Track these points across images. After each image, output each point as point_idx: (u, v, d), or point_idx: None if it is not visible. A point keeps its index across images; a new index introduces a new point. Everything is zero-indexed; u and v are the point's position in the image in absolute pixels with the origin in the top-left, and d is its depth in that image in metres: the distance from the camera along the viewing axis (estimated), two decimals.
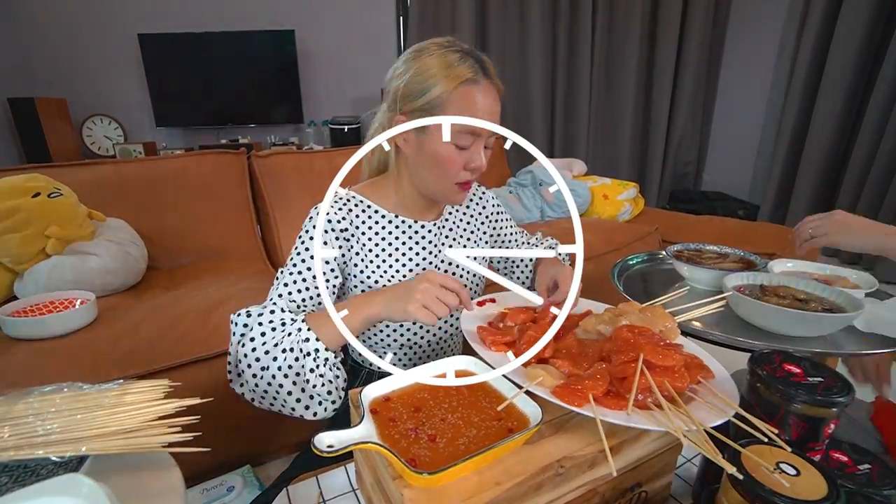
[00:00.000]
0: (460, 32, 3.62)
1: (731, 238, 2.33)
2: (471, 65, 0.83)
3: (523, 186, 2.72)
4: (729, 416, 0.55)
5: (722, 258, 1.24)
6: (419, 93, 0.83)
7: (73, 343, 1.27)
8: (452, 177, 0.87)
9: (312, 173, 2.15)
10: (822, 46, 3.33)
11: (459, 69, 0.82)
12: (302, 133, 4.00)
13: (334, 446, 0.49)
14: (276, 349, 0.75)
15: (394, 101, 0.88)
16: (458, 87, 0.82)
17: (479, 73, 0.84)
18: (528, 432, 0.53)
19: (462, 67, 0.82)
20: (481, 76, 0.84)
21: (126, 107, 3.65)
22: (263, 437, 1.45)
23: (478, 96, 0.83)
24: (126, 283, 1.64)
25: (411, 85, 0.84)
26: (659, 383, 0.57)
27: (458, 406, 0.60)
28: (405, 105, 0.86)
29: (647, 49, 4.10)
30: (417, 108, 0.84)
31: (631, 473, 0.60)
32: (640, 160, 4.45)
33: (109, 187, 1.87)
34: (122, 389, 0.61)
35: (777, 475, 0.48)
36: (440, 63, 0.83)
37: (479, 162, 0.86)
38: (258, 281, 1.70)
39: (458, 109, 0.82)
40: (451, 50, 0.85)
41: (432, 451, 0.53)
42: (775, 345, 0.85)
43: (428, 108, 0.83)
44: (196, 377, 1.28)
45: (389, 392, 0.63)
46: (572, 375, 0.62)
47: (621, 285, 1.16)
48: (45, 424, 0.55)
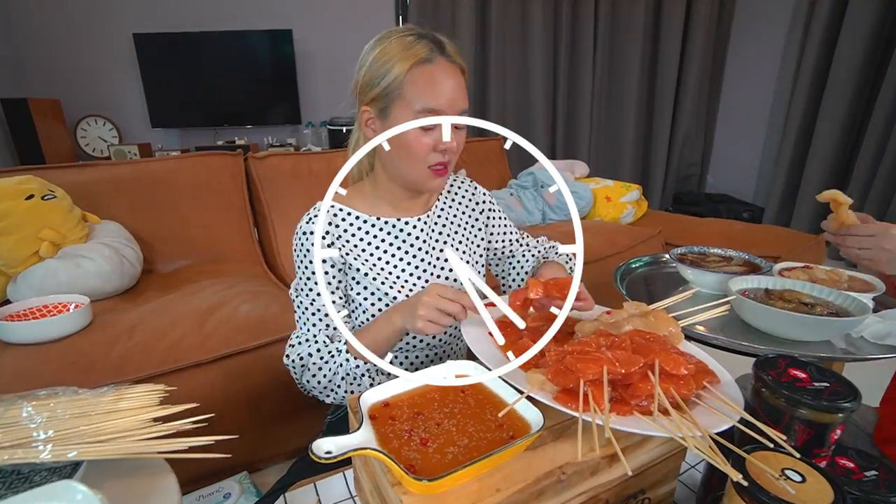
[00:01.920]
0: (460, 32, 3.63)
1: (736, 241, 2.33)
2: (425, 44, 0.84)
3: (524, 188, 2.73)
4: (734, 421, 0.55)
5: (726, 261, 1.24)
6: (377, 79, 0.84)
7: (67, 347, 1.27)
8: (422, 160, 0.87)
9: (310, 175, 2.16)
10: (827, 47, 3.33)
11: (413, 49, 0.83)
12: (299, 134, 4.00)
13: (333, 452, 0.49)
14: (336, 379, 0.88)
15: (356, 94, 0.90)
16: (412, 67, 0.82)
17: (435, 52, 0.84)
18: (529, 438, 0.53)
19: (416, 48, 0.83)
20: (437, 55, 0.84)
21: (121, 107, 3.66)
22: (260, 442, 1.45)
23: (435, 74, 0.83)
24: (121, 286, 1.64)
25: (370, 74, 0.86)
26: (665, 389, 0.57)
27: (458, 413, 0.60)
28: (365, 95, 0.87)
29: (650, 49, 4.11)
30: (377, 95, 0.85)
31: (634, 480, 0.60)
32: (643, 162, 4.45)
33: (104, 189, 1.87)
34: (118, 394, 0.61)
35: (782, 482, 0.48)
36: (395, 47, 0.84)
37: (448, 142, 0.85)
38: (255, 284, 1.70)
39: (415, 89, 0.82)
40: (407, 34, 0.85)
41: (422, 454, 0.53)
42: (780, 349, 0.85)
43: (386, 94, 0.84)
44: (192, 382, 1.28)
45: (388, 397, 0.63)
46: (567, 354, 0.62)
47: (624, 289, 1.16)
48: (40, 429, 0.55)
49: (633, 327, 0.71)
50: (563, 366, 0.60)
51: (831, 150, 3.38)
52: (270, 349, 1.38)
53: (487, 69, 3.80)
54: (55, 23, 3.39)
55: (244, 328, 1.39)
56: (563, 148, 4.16)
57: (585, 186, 2.78)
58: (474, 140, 3.07)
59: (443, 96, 0.83)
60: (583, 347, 0.63)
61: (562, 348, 0.65)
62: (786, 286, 1.01)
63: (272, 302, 1.52)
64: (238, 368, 1.34)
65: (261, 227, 2.14)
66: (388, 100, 0.85)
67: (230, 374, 1.33)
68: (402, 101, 0.84)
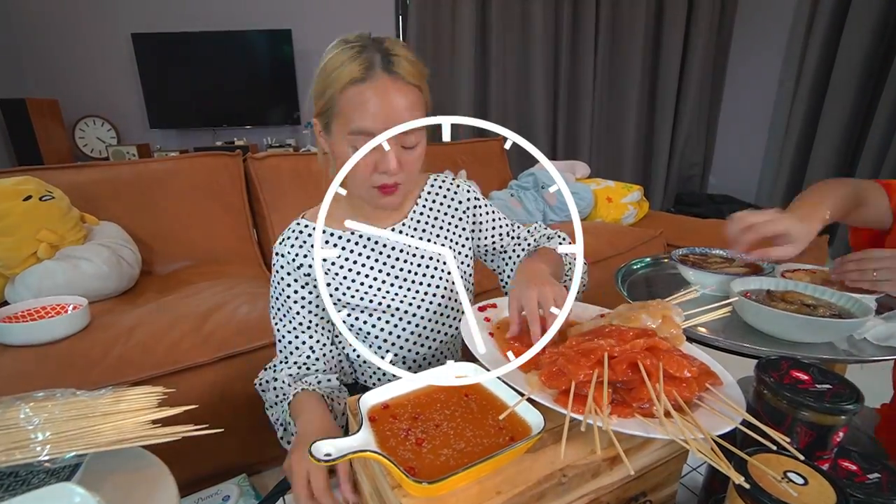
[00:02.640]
0: (460, 32, 3.63)
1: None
2: (362, 62, 0.78)
3: (525, 189, 2.73)
4: (736, 423, 0.55)
5: (728, 263, 1.24)
6: (320, 94, 0.83)
7: (65, 349, 1.27)
8: (365, 180, 0.84)
9: (309, 176, 2.16)
10: (830, 47, 3.34)
11: (348, 68, 0.78)
12: (299, 135, 4.01)
13: (332, 455, 0.49)
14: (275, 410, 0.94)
15: (313, 104, 0.87)
16: (344, 88, 0.79)
17: (373, 69, 0.78)
18: (529, 440, 0.53)
19: (351, 66, 0.78)
20: (376, 71, 0.78)
21: (119, 108, 3.67)
22: (259, 445, 1.45)
23: (366, 94, 0.78)
24: (119, 287, 1.64)
25: (316, 86, 0.84)
26: (667, 391, 0.57)
27: (458, 417, 0.60)
28: (315, 105, 0.85)
29: (651, 48, 4.12)
30: (321, 110, 0.84)
31: (635, 483, 0.60)
32: (644, 162, 4.45)
33: (102, 190, 1.87)
34: (116, 396, 0.62)
35: (784, 484, 0.48)
36: (333, 63, 0.81)
37: (386, 164, 0.80)
38: (254, 286, 1.70)
39: (348, 109, 0.79)
40: (348, 47, 0.81)
41: (416, 454, 0.53)
42: (782, 351, 0.85)
43: (327, 110, 0.82)
44: (191, 384, 1.28)
45: (388, 399, 0.63)
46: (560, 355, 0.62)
47: (625, 290, 1.16)
48: (38, 431, 0.55)
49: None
50: (556, 367, 0.60)
51: (834, 150, 3.38)
52: (269, 351, 1.38)
53: (488, 69, 3.81)
54: (53, 22, 3.39)
55: (243, 330, 1.39)
56: (563, 148, 4.16)
57: (586, 187, 2.78)
58: (475, 140, 3.07)
59: (378, 118, 0.78)
60: (577, 344, 0.63)
61: (556, 349, 0.65)
62: (788, 287, 1.01)
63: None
64: (237, 370, 1.35)
65: (260, 229, 2.14)
66: (328, 116, 0.83)
67: (229, 375, 1.33)
68: (339, 121, 0.81)
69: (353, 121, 0.78)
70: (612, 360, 0.60)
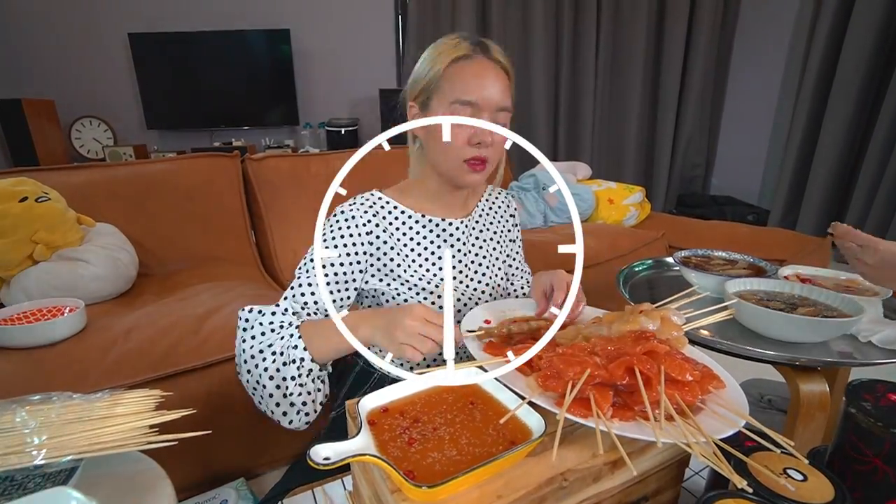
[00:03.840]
0: (460, 31, 3.62)
1: (741, 244, 2.34)
2: (468, 45, 0.90)
3: (526, 191, 2.73)
4: (739, 426, 0.55)
5: (731, 265, 1.24)
6: (422, 75, 0.92)
7: (61, 352, 1.27)
8: (457, 153, 0.90)
9: (308, 177, 2.16)
10: (833, 48, 3.34)
11: (456, 48, 0.89)
12: (298, 135, 4.01)
13: (331, 459, 0.49)
14: (267, 350, 0.79)
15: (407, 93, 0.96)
16: (451, 63, 0.88)
17: (476, 51, 0.90)
18: (530, 444, 0.53)
19: (459, 46, 0.90)
20: (478, 53, 0.90)
21: (116, 108, 3.66)
22: (258, 448, 1.45)
23: (471, 69, 0.88)
24: (116, 290, 1.64)
25: (417, 73, 0.94)
26: (670, 395, 0.58)
27: (458, 420, 0.60)
28: (412, 91, 0.95)
29: (653, 48, 4.13)
30: (421, 89, 0.92)
31: (637, 486, 0.60)
32: (646, 163, 4.46)
33: (99, 191, 1.87)
34: (113, 400, 0.62)
35: (783, 480, 0.49)
36: (441, 47, 0.91)
37: (483, 136, 0.88)
38: (252, 288, 1.70)
39: (451, 83, 0.88)
40: (455, 37, 0.92)
41: (415, 458, 0.53)
42: (784, 354, 0.85)
43: (428, 88, 0.91)
44: (189, 387, 1.28)
45: (388, 403, 0.63)
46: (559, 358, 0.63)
47: (627, 293, 1.17)
48: (34, 435, 0.55)
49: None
50: (552, 370, 0.61)
51: (837, 151, 3.39)
52: None
53: None
54: (49, 22, 3.39)
55: None
56: (564, 149, 4.16)
57: (588, 189, 2.78)
58: None
59: (477, 91, 0.87)
60: (573, 351, 0.64)
61: (551, 354, 0.65)
62: (784, 289, 1.02)
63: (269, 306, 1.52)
64: (235, 373, 1.34)
65: (258, 230, 2.14)
66: (428, 93, 0.91)
67: (227, 379, 1.33)
68: (440, 95, 0.90)
69: (455, 91, 0.88)
70: (610, 364, 0.60)
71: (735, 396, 0.63)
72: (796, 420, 0.89)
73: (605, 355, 0.63)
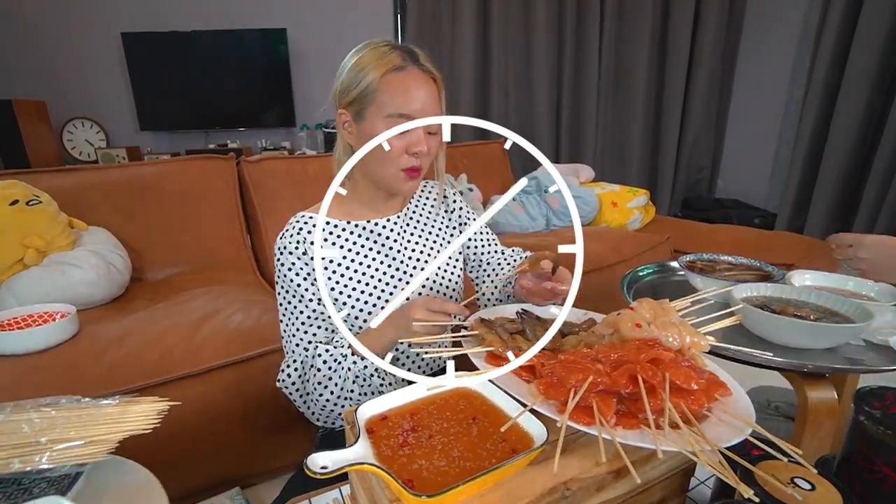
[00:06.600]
0: (461, 31, 3.64)
1: (747, 248, 2.34)
2: (399, 54, 0.92)
3: (528, 194, 2.73)
4: (745, 434, 0.55)
5: (737, 269, 1.24)
6: (353, 85, 0.93)
7: (52, 359, 1.27)
8: (394, 162, 0.93)
9: (305, 179, 2.16)
10: (842, 47, 3.34)
11: (387, 58, 0.91)
12: (294, 137, 4.01)
13: (328, 467, 0.49)
14: (348, 384, 0.89)
15: (335, 100, 0.98)
16: (385, 74, 0.90)
17: (408, 61, 0.92)
18: (531, 453, 0.53)
19: (390, 56, 0.91)
20: (409, 63, 0.92)
21: (109, 109, 3.67)
22: (254, 457, 1.45)
23: (406, 81, 0.91)
24: (109, 294, 1.64)
25: (346, 80, 0.94)
26: (675, 403, 0.58)
27: (456, 430, 0.60)
28: (342, 100, 0.96)
29: (658, 49, 4.13)
30: (353, 99, 0.93)
31: (641, 496, 0.60)
32: (650, 166, 4.46)
33: (91, 194, 1.88)
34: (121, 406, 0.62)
35: (791, 489, 0.49)
36: (370, 56, 0.92)
37: (420, 146, 0.91)
38: (248, 293, 1.70)
39: (387, 95, 0.90)
40: (382, 45, 0.94)
41: (414, 467, 0.53)
42: (788, 359, 0.85)
43: (361, 98, 0.92)
44: (184, 394, 1.28)
45: (386, 410, 0.63)
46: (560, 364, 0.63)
47: (631, 297, 1.17)
48: (39, 436, 0.56)
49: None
50: (554, 378, 0.61)
51: (846, 153, 3.38)
52: (264, 360, 1.38)
53: (489, 70, 3.81)
54: (40, 21, 3.40)
55: (237, 338, 1.39)
56: (567, 151, 4.16)
57: (591, 191, 2.79)
58: (476, 143, 3.08)
59: (413, 103, 0.90)
60: (576, 358, 0.64)
61: (552, 361, 0.65)
62: (792, 295, 1.02)
63: (265, 311, 1.52)
64: (230, 380, 1.35)
65: (254, 234, 2.15)
66: (362, 104, 0.92)
67: (222, 385, 1.33)
68: (375, 106, 0.91)
69: (394, 104, 0.90)
70: (614, 371, 0.61)
71: (741, 404, 0.63)
72: (804, 428, 0.89)
73: (608, 362, 0.64)
